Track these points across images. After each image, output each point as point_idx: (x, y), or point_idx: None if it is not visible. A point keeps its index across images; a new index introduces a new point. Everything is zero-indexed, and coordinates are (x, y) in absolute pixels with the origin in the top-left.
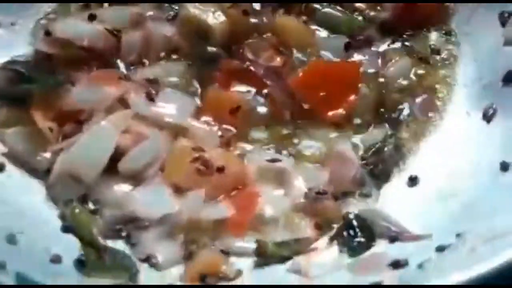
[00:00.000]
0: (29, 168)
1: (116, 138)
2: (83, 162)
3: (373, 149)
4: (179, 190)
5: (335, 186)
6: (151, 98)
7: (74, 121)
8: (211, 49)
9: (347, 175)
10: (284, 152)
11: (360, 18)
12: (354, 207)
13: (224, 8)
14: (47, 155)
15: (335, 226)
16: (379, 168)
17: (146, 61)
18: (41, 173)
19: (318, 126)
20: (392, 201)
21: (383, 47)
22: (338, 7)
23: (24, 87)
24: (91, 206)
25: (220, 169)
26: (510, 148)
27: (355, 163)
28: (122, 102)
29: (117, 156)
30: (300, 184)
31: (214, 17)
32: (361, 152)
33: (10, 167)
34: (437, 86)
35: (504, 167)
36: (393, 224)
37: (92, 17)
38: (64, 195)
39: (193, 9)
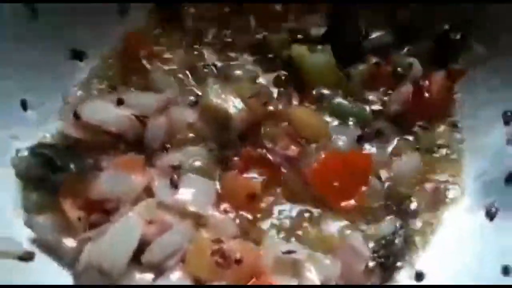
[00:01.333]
0: (56, 256)
1: (141, 230)
2: (109, 255)
3: (383, 242)
4: (199, 282)
5: (346, 279)
6: (175, 185)
7: (101, 210)
8: (230, 135)
9: (358, 268)
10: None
11: (369, 110)
12: None
13: (244, 97)
14: (74, 243)
15: None
16: (389, 261)
17: (169, 146)
18: (68, 261)
19: (330, 216)
20: None
21: (393, 139)
22: (349, 98)
23: (54, 175)
24: None
25: (238, 261)
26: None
27: (366, 256)
28: (147, 190)
29: (140, 245)
30: (313, 276)
31: (234, 106)
32: (371, 244)
33: (39, 256)
34: (443, 179)
35: (505, 271)
36: None
37: (120, 102)
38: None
39: (214, 98)
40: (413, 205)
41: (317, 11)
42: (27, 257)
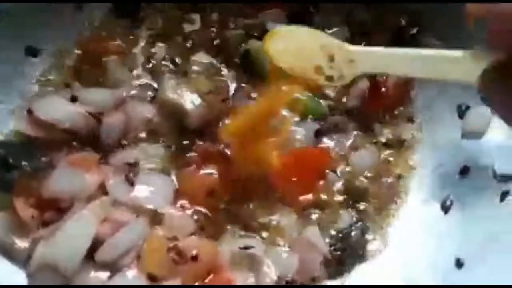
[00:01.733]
0: (9, 256)
1: (95, 228)
2: (62, 254)
3: (340, 235)
4: (154, 279)
5: (304, 273)
6: (130, 183)
7: (54, 208)
8: (187, 131)
9: (315, 261)
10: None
11: (326, 105)
12: None
13: (202, 93)
14: (27, 243)
15: None
16: (346, 253)
17: (125, 142)
18: (22, 260)
19: (288, 210)
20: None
21: (351, 133)
22: (308, 93)
23: (6, 174)
24: None
25: (194, 258)
26: (465, 244)
27: (323, 250)
28: (101, 188)
29: (94, 244)
30: (270, 271)
31: (191, 101)
32: (327, 240)
33: None
34: (400, 172)
35: (458, 264)
36: None
37: (74, 99)
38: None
39: (171, 93)
40: (370, 199)
41: (275, 8)
42: None
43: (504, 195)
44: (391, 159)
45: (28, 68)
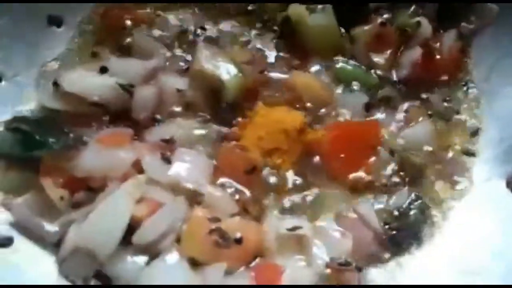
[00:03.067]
0: (38, 240)
1: (131, 210)
2: (97, 237)
3: (396, 213)
4: (196, 264)
5: (358, 255)
6: (167, 160)
7: (85, 188)
8: (224, 104)
9: (368, 240)
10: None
11: (375, 75)
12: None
13: (238, 63)
14: (57, 226)
15: None
16: (403, 233)
17: (158, 117)
18: (51, 245)
19: (338, 188)
20: (415, 272)
21: (403, 106)
22: (355, 62)
23: (32, 152)
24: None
25: (238, 241)
26: None
27: (377, 227)
28: (136, 165)
29: (131, 226)
30: (321, 253)
31: (228, 72)
32: (384, 216)
33: (18, 240)
34: (460, 147)
35: None
36: None
37: (103, 70)
38: (77, 271)
39: (206, 64)
40: (428, 176)
41: None
42: (4, 242)
43: None
44: (448, 132)
45: (52, 39)
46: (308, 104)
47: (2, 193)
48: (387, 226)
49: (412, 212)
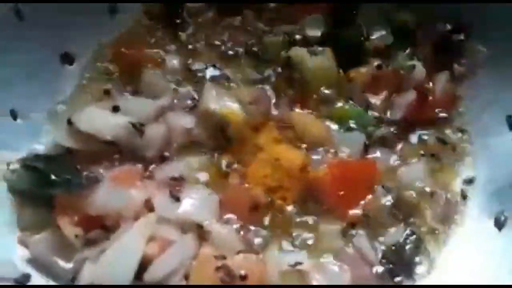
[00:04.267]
0: (53, 277)
1: (143, 248)
2: (111, 275)
3: (393, 247)
4: None
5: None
6: (176, 198)
7: (99, 226)
8: (229, 142)
9: (366, 272)
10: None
11: (371, 115)
12: None
13: (244, 102)
14: (72, 263)
15: None
16: (399, 266)
17: (167, 154)
18: (66, 281)
19: (337, 224)
20: None
21: (398, 145)
22: (352, 103)
23: (48, 189)
24: None
25: (243, 277)
26: None
27: (374, 260)
28: (147, 203)
29: (142, 264)
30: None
31: (233, 112)
32: (381, 249)
33: (35, 277)
34: (452, 187)
35: None
36: None
37: (116, 109)
38: None
39: (213, 103)
40: (422, 214)
41: (315, 12)
42: (23, 280)
43: None
44: (440, 173)
45: (65, 77)
46: (308, 143)
47: (18, 230)
48: (384, 260)
49: (407, 247)
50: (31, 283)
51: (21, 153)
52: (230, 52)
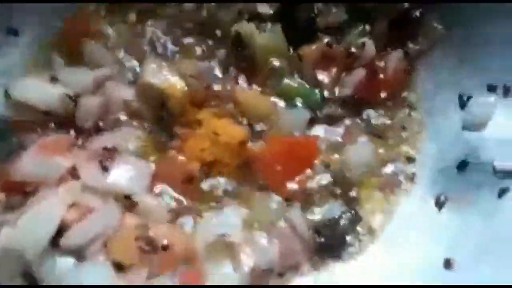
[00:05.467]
0: None
1: (61, 214)
2: (26, 238)
3: (327, 222)
4: (121, 268)
5: (284, 261)
6: (105, 168)
7: (22, 192)
8: (168, 116)
9: (296, 247)
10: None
11: (318, 93)
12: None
13: (185, 76)
14: None
15: None
16: (331, 241)
17: (102, 126)
18: None
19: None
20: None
21: (344, 123)
22: (299, 80)
23: None
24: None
25: (165, 247)
26: (455, 243)
27: (306, 235)
28: (72, 172)
29: (61, 230)
30: (248, 259)
31: (172, 85)
32: (314, 225)
33: None
34: (396, 167)
35: (447, 264)
36: None
37: (53, 79)
38: (7, 271)
39: (153, 76)
40: (360, 193)
41: None
42: None
43: (503, 192)
44: (386, 151)
45: (8, 48)
46: (250, 119)
47: None
48: (316, 234)
49: (342, 222)
50: None
51: None
52: (178, 27)
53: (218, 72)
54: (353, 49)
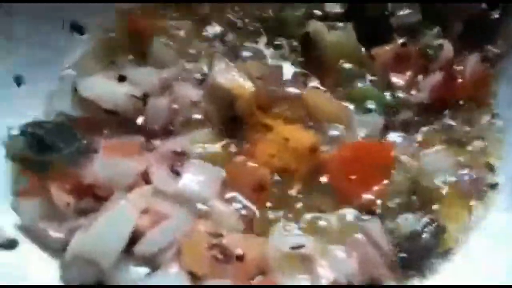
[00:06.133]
0: (43, 245)
1: (134, 220)
2: (99, 246)
3: (408, 235)
4: (196, 277)
5: (364, 275)
6: (176, 173)
7: (92, 196)
8: (237, 117)
9: (377, 261)
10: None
11: (394, 96)
12: None
13: (253, 77)
14: (63, 232)
15: None
16: (413, 256)
17: (171, 128)
18: (55, 250)
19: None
20: None
21: (421, 130)
22: (373, 82)
23: (43, 156)
24: None
25: (239, 258)
26: None
27: (386, 248)
28: (145, 176)
29: (134, 237)
30: (326, 273)
31: (241, 86)
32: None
33: (23, 243)
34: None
35: None
36: None
37: (122, 78)
38: (80, 278)
39: (221, 77)
40: (441, 204)
41: None
42: (9, 245)
43: None
44: (466, 159)
45: (74, 46)
46: (321, 123)
47: (13, 197)
48: (397, 248)
49: (424, 235)
50: (18, 249)
51: (25, 120)
52: (248, 28)
53: (287, 74)
54: (428, 51)
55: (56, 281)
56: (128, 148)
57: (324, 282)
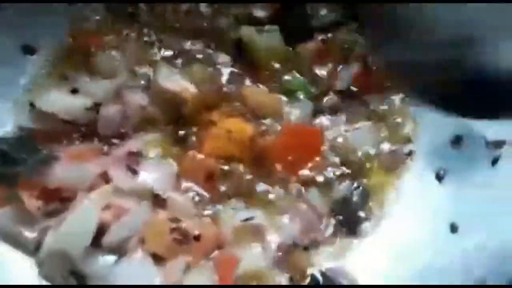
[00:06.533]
0: (18, 246)
1: (97, 215)
2: (71, 241)
3: (341, 200)
4: (160, 260)
5: (306, 238)
6: (133, 171)
7: (59, 199)
8: (183, 118)
9: (317, 226)
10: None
11: (319, 85)
12: (322, 258)
13: (196, 81)
14: (35, 233)
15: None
16: (347, 217)
17: (123, 131)
18: (31, 249)
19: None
20: (357, 256)
21: (346, 110)
22: (298, 76)
23: (10, 168)
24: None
25: (197, 238)
26: (456, 210)
27: (324, 213)
28: (103, 177)
29: (101, 230)
30: (274, 238)
31: (186, 89)
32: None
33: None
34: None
35: (453, 228)
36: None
37: (74, 91)
38: (54, 270)
39: (166, 82)
40: (367, 172)
41: None
42: None
43: (495, 161)
44: (385, 133)
45: (27, 65)
46: (260, 115)
47: None
48: (333, 213)
49: (354, 199)
50: None
51: None
52: (184, 35)
53: (226, 75)
54: (345, 45)
55: (34, 278)
56: (87, 154)
57: (273, 246)
